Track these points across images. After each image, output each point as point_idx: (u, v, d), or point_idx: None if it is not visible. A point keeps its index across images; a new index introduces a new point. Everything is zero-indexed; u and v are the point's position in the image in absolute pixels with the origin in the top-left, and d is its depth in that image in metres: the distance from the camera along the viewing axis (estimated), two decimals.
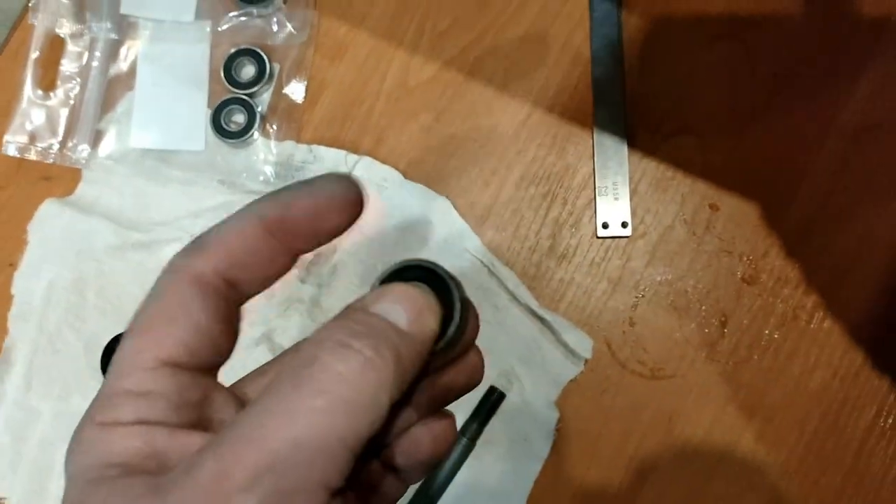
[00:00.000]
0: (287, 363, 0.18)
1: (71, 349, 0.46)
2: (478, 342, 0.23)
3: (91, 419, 0.19)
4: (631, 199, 0.47)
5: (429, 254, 0.46)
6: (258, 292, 0.21)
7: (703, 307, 0.46)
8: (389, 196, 0.47)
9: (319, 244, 0.21)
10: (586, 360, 0.45)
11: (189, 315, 0.19)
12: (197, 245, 0.20)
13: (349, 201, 0.20)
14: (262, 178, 0.47)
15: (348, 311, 0.19)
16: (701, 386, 0.45)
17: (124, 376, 0.19)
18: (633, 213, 0.47)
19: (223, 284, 0.20)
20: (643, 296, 0.46)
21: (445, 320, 0.20)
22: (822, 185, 0.47)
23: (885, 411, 0.44)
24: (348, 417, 0.17)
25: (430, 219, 0.47)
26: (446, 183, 0.47)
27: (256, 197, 0.48)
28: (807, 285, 0.46)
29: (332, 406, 0.17)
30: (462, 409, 0.45)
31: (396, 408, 0.21)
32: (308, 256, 0.47)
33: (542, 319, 0.45)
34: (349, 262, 0.47)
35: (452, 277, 0.21)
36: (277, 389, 0.17)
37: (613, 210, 0.47)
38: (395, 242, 0.47)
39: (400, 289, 0.20)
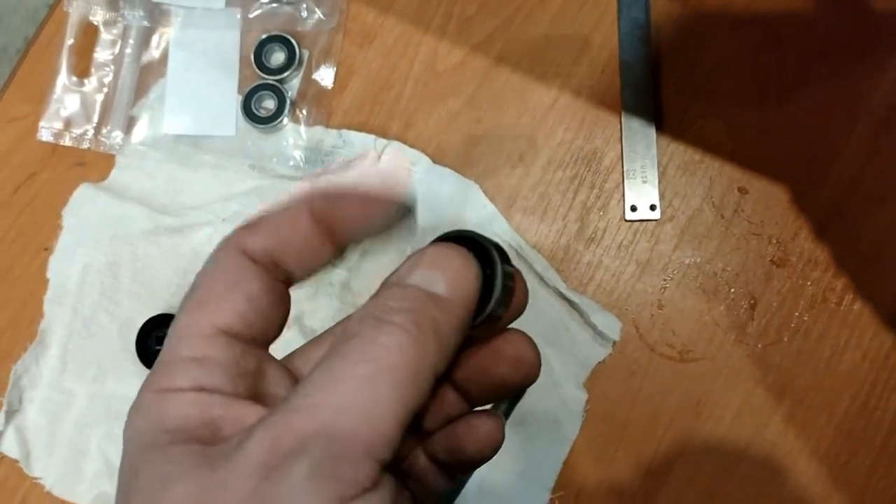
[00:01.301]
0: (334, 342, 0.19)
1: (105, 332, 0.46)
2: None
3: (149, 386, 0.19)
4: (659, 183, 0.47)
5: None
6: (303, 278, 0.21)
7: (732, 290, 0.46)
8: (418, 180, 0.47)
9: (362, 238, 0.21)
10: (615, 343, 0.46)
11: (242, 285, 0.20)
12: (248, 224, 0.21)
13: (391, 200, 0.21)
14: (291, 162, 0.47)
15: (385, 286, 0.20)
16: (730, 369, 0.45)
17: (181, 343, 0.19)
18: (662, 197, 0.47)
19: (271, 263, 0.20)
20: (672, 278, 0.46)
21: (487, 290, 0.20)
22: (852, 167, 0.47)
23: None
24: (392, 386, 0.17)
25: (459, 202, 0.47)
26: (474, 167, 0.48)
27: (287, 182, 0.49)
28: (837, 267, 0.46)
29: (375, 373, 0.17)
30: None
31: (440, 382, 0.21)
32: None
33: (570, 302, 0.46)
34: (379, 245, 0.47)
35: (494, 244, 0.20)
36: (323, 364, 0.18)
37: (642, 193, 0.47)
38: (424, 226, 0.47)
39: (434, 251, 0.20)
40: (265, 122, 0.47)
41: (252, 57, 0.47)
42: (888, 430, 0.44)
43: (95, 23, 0.48)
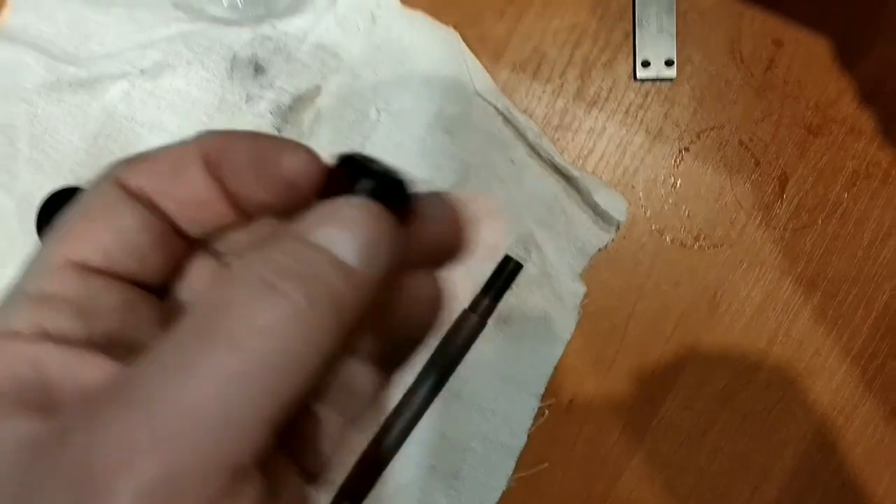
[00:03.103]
0: (196, 301, 0.14)
1: (1, 210, 0.38)
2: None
3: None
4: (677, 33, 0.38)
5: (431, 97, 0.38)
6: (199, 234, 0.17)
7: (760, 163, 0.39)
8: (384, 27, 0.38)
9: (263, 199, 0.16)
10: (619, 226, 0.38)
11: (110, 215, 0.16)
12: (131, 158, 0.17)
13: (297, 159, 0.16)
14: (226, 2, 0.38)
15: (279, 237, 0.15)
16: (753, 256, 0.38)
17: (25, 279, 0.15)
18: (680, 50, 0.39)
19: (151, 205, 0.16)
20: (688, 150, 0.39)
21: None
22: None
23: None
24: (267, 383, 0.13)
25: (434, 55, 0.38)
26: (453, 11, 0.39)
27: (220, 27, 0.40)
28: (883, 138, 0.39)
29: (245, 368, 0.13)
30: (474, 280, 0.38)
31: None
32: (286, 100, 0.38)
33: (567, 177, 0.38)
34: (337, 107, 0.38)
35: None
36: (177, 339, 0.13)
37: (656, 45, 0.38)
38: (391, 84, 0.38)
39: (351, 209, 0.15)
40: None
41: None
42: None
43: None
